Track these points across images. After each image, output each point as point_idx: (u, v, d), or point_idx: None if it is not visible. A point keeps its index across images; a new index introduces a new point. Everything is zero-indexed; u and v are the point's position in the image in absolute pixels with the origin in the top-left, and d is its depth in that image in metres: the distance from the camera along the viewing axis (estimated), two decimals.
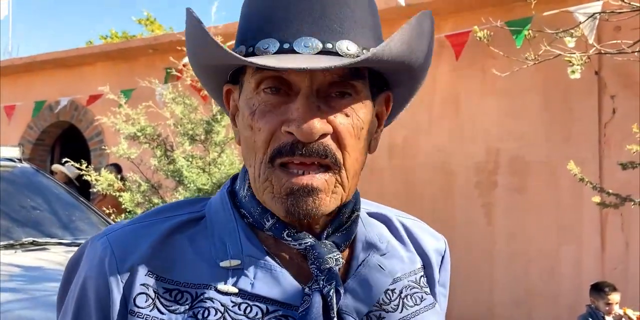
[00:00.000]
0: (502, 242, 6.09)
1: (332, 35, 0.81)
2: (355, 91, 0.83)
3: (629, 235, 5.54)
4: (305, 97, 0.81)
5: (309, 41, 0.80)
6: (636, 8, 3.68)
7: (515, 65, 4.30)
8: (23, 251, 3.24)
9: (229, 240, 0.87)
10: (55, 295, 2.76)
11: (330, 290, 0.84)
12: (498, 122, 6.14)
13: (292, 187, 0.81)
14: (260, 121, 0.82)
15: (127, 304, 0.84)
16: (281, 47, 0.81)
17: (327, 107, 0.82)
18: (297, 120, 0.79)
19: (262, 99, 0.83)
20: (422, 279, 0.97)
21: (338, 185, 0.83)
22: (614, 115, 5.66)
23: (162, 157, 5.36)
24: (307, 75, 0.81)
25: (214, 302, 0.84)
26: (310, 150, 0.81)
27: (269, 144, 0.82)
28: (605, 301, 4.52)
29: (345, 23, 0.82)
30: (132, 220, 0.92)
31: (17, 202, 3.71)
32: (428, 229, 1.03)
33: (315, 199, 0.82)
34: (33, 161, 8.82)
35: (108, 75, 8.56)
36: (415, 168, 6.48)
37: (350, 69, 0.82)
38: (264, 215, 0.87)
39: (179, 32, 7.84)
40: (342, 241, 0.89)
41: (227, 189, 0.93)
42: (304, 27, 0.81)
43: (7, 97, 9.41)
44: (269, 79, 0.82)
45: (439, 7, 6.24)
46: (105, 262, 0.85)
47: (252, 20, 0.85)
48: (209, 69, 0.91)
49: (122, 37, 15.29)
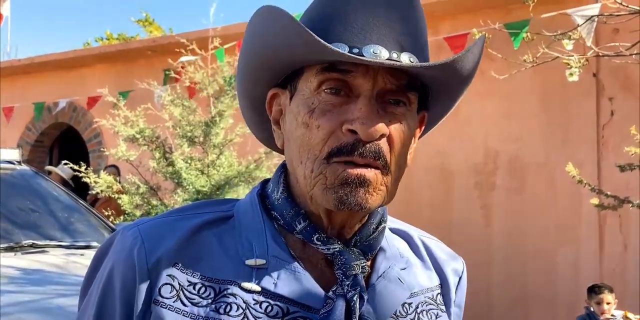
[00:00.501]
0: (500, 243, 6.10)
1: (397, 46, 0.86)
2: (409, 102, 0.88)
3: (627, 237, 5.55)
4: (368, 98, 0.84)
5: (377, 49, 0.84)
6: (634, 11, 3.70)
7: (513, 67, 4.31)
8: (23, 254, 3.24)
9: (255, 240, 0.90)
10: (55, 298, 2.76)
11: (355, 296, 0.86)
12: (497, 124, 6.16)
13: (347, 177, 0.84)
14: (320, 119, 0.85)
15: (152, 293, 0.86)
16: (350, 51, 0.84)
17: (384, 112, 0.86)
18: (361, 119, 0.83)
19: (322, 99, 0.86)
20: (438, 297, 0.99)
21: (384, 184, 0.86)
22: (612, 117, 5.68)
23: (161, 159, 5.37)
24: (371, 80, 0.85)
25: (236, 298, 0.86)
26: (368, 150, 0.84)
27: (326, 142, 0.84)
28: (596, 301, 4.53)
29: (409, 38, 0.87)
30: (162, 214, 0.94)
31: (17, 204, 3.71)
32: (447, 250, 1.06)
33: (367, 190, 0.84)
34: (32, 162, 8.82)
35: (106, 77, 8.56)
36: (414, 169, 6.49)
37: (407, 80, 0.87)
38: (297, 218, 0.90)
39: (177, 33, 7.84)
40: (369, 250, 0.92)
41: (257, 191, 0.95)
42: (372, 36, 0.85)
43: (6, 99, 9.41)
44: (332, 80, 0.85)
45: (437, 9, 6.26)
46: (135, 251, 0.87)
47: (320, 23, 0.87)
48: (262, 69, 0.92)
49: (118, 38, 15.28)
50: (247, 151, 5.38)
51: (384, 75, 0.85)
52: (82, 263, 3.17)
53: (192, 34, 7.14)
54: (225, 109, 5.39)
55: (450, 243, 4.49)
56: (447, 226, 6.26)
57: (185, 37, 6.18)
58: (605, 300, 4.51)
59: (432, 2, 6.14)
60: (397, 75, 0.86)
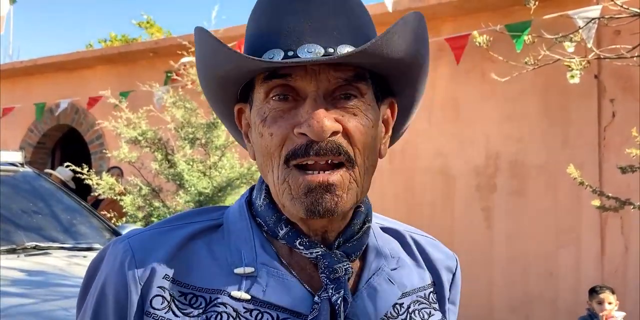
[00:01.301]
0: (501, 245, 6.10)
1: (333, 41, 0.86)
2: (360, 93, 0.87)
3: (629, 239, 5.56)
4: (313, 99, 0.85)
5: (312, 47, 0.85)
6: (635, 13, 3.70)
7: (514, 70, 4.32)
8: (25, 256, 3.25)
9: (244, 248, 0.90)
10: (57, 299, 2.77)
11: (338, 299, 0.87)
12: (498, 126, 6.16)
13: (309, 186, 0.84)
14: (272, 127, 0.86)
15: (143, 305, 0.87)
16: (286, 55, 0.85)
17: (334, 108, 0.86)
18: (308, 121, 0.83)
19: (272, 107, 0.87)
20: (431, 295, 0.99)
21: (352, 181, 0.86)
22: (613, 119, 5.68)
23: (163, 160, 5.37)
24: (313, 80, 0.85)
25: (226, 307, 0.86)
26: (324, 148, 0.84)
27: (282, 148, 0.86)
28: (597, 300, 4.53)
29: (344, 30, 0.87)
30: (152, 225, 0.95)
31: (20, 206, 3.72)
32: (440, 246, 1.05)
33: (334, 195, 0.84)
34: (34, 164, 8.84)
35: (108, 78, 8.58)
36: (415, 172, 6.50)
37: (353, 71, 0.86)
38: (278, 224, 0.90)
39: (179, 35, 7.86)
40: (353, 251, 0.91)
41: (245, 198, 0.96)
42: (306, 35, 0.85)
43: (8, 101, 9.43)
44: (277, 87, 0.86)
45: (439, 11, 6.27)
46: (126, 264, 0.88)
47: (257, 35, 0.89)
48: (220, 88, 0.94)
49: (121, 40, 15.30)
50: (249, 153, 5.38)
51: (327, 73, 0.85)
52: (84, 265, 3.17)
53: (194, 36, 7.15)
54: None
55: (451, 245, 4.51)
56: (448, 228, 6.27)
57: (187, 39, 6.19)
58: (607, 300, 4.51)
59: (434, 4, 6.15)
60: (341, 70, 0.85)
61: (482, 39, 3.89)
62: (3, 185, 3.73)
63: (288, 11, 0.87)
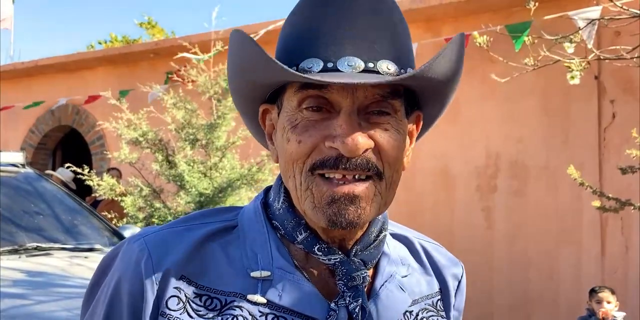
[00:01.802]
0: (501, 245, 6.10)
1: (373, 55, 0.85)
2: (394, 110, 0.87)
3: (629, 239, 5.56)
4: (348, 114, 0.84)
5: (352, 61, 0.84)
6: (635, 14, 3.71)
7: (515, 70, 4.32)
8: (27, 256, 3.26)
9: (260, 252, 0.90)
10: (59, 300, 2.77)
11: (357, 307, 0.87)
12: (498, 127, 6.17)
13: (333, 196, 0.83)
14: (302, 135, 0.85)
15: (159, 305, 0.86)
16: (325, 66, 0.84)
17: (367, 123, 0.85)
18: (341, 136, 0.82)
19: (304, 115, 0.86)
20: (439, 303, 1.00)
21: (377, 193, 0.86)
22: (613, 120, 5.69)
23: (164, 161, 5.38)
24: (349, 94, 0.84)
25: (242, 310, 0.87)
26: (354, 164, 0.83)
27: (309, 156, 0.85)
28: (596, 299, 4.54)
29: (385, 45, 0.86)
30: (167, 224, 0.94)
31: (21, 207, 3.73)
32: (447, 254, 1.06)
33: (358, 207, 0.84)
34: (34, 165, 8.84)
35: (109, 79, 8.59)
36: (415, 172, 6.50)
37: (389, 88, 0.85)
38: (297, 228, 0.90)
39: (180, 37, 7.87)
40: (370, 259, 0.92)
41: (261, 200, 0.95)
42: (347, 48, 0.84)
43: (9, 102, 9.44)
44: (311, 97, 0.85)
45: (439, 11, 6.28)
46: (142, 264, 0.87)
47: (295, 40, 0.88)
48: (250, 90, 0.93)
49: (122, 41, 15.32)
50: (250, 154, 5.39)
51: (364, 88, 0.84)
52: (86, 266, 3.19)
53: (195, 37, 7.17)
54: (228, 112, 5.41)
55: (452, 246, 4.53)
56: (449, 229, 6.27)
57: (187, 40, 6.20)
58: (605, 299, 4.51)
59: (434, 5, 6.16)
60: (379, 86, 0.85)
61: (483, 40, 3.90)
62: (4, 186, 3.74)
63: (330, 18, 0.85)
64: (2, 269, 3.00)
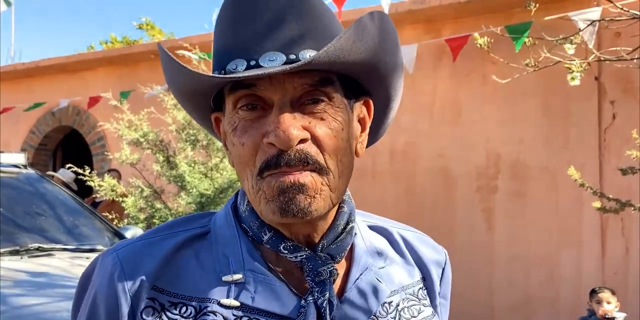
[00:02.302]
0: (502, 246, 6.11)
1: (294, 46, 0.86)
2: (328, 97, 0.87)
3: (629, 240, 5.57)
4: (279, 108, 0.85)
5: (273, 55, 0.85)
6: (635, 16, 3.72)
7: (515, 71, 4.34)
8: (29, 257, 3.27)
9: (231, 255, 0.91)
10: (61, 301, 2.78)
11: (324, 302, 0.88)
12: (498, 128, 6.17)
13: (282, 186, 0.84)
14: (243, 136, 0.86)
15: (134, 316, 0.88)
16: (248, 65, 0.86)
17: (302, 114, 0.86)
18: (274, 130, 0.83)
19: (241, 116, 0.87)
20: (420, 292, 1.00)
21: (325, 184, 0.86)
22: (613, 121, 5.69)
23: (165, 162, 5.39)
24: (278, 89, 0.85)
25: (216, 315, 0.87)
26: (293, 159, 0.84)
27: (255, 157, 0.86)
28: (597, 300, 4.55)
29: (305, 34, 0.87)
30: (141, 235, 0.96)
31: (23, 208, 3.74)
32: (428, 241, 1.05)
33: (307, 196, 0.84)
34: (35, 166, 8.85)
35: (110, 80, 8.60)
36: (416, 173, 6.51)
37: (317, 76, 0.86)
38: (262, 229, 0.91)
39: (180, 37, 7.88)
40: (338, 253, 0.92)
41: (231, 204, 0.97)
42: (267, 43, 0.86)
43: (9, 103, 9.45)
44: (244, 97, 0.86)
45: (439, 12, 6.28)
46: (115, 277, 0.89)
47: (221, 45, 0.90)
48: (192, 100, 0.95)
49: (122, 42, 15.33)
50: None
51: (292, 80, 0.85)
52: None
53: (195, 38, 7.18)
54: None
55: (452, 246, 4.52)
56: (449, 230, 6.28)
57: (188, 41, 6.22)
58: (605, 300, 4.52)
59: (434, 6, 6.16)
60: (306, 76, 0.85)
61: (483, 41, 3.91)
62: (6, 187, 3.75)
63: (247, 20, 0.87)
64: (4, 270, 3.00)
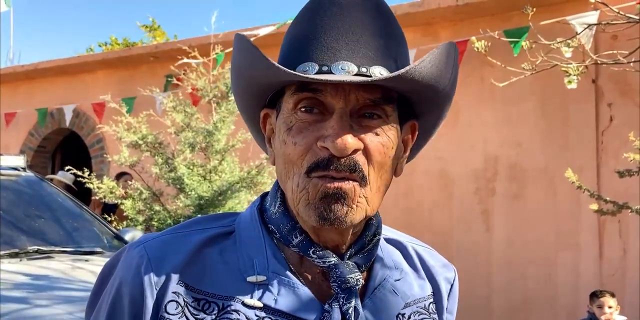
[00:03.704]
0: (500, 248, 6.12)
1: (366, 61, 0.88)
2: (385, 114, 0.90)
3: (627, 242, 5.58)
4: (340, 115, 0.87)
5: (346, 65, 0.87)
6: (631, 19, 3.74)
7: (512, 75, 4.35)
8: (28, 259, 3.28)
9: (256, 256, 0.93)
10: (61, 303, 2.78)
11: (350, 309, 0.90)
12: (496, 130, 6.19)
13: (326, 191, 0.87)
14: (297, 136, 0.89)
15: (158, 310, 0.89)
16: (320, 70, 0.88)
17: (359, 126, 0.88)
18: (332, 136, 0.86)
19: (299, 117, 0.89)
20: (431, 306, 1.03)
21: (362, 196, 0.89)
22: (611, 123, 5.71)
23: (163, 164, 5.40)
24: (342, 97, 0.87)
25: (239, 314, 0.89)
26: (343, 165, 0.87)
27: (304, 158, 0.88)
28: (598, 304, 4.57)
29: (379, 51, 0.90)
30: (167, 230, 0.98)
31: (22, 210, 3.75)
32: (439, 258, 1.09)
33: (344, 204, 0.87)
34: (34, 168, 8.86)
35: (109, 82, 8.61)
36: (414, 175, 6.53)
37: (381, 93, 0.89)
38: (293, 232, 0.93)
39: (179, 40, 7.89)
40: (364, 262, 0.94)
41: (257, 206, 0.98)
42: (342, 52, 0.88)
43: (9, 105, 9.46)
44: (306, 99, 0.89)
45: (437, 16, 6.31)
46: (142, 269, 0.90)
47: (293, 47, 0.92)
48: (251, 93, 0.97)
49: (122, 43, 15.34)
50: (249, 157, 5.41)
51: (357, 93, 0.87)
52: (87, 269, 3.21)
53: (194, 40, 7.20)
54: (227, 115, 5.43)
55: (450, 248, 4.54)
56: (447, 232, 6.29)
57: (187, 44, 6.23)
58: (607, 304, 4.54)
59: (433, 9, 6.19)
60: (370, 90, 0.88)
61: (481, 44, 3.93)
62: (5, 189, 3.75)
63: (327, 26, 0.89)
64: (3, 272, 3.01)
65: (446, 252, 1.00)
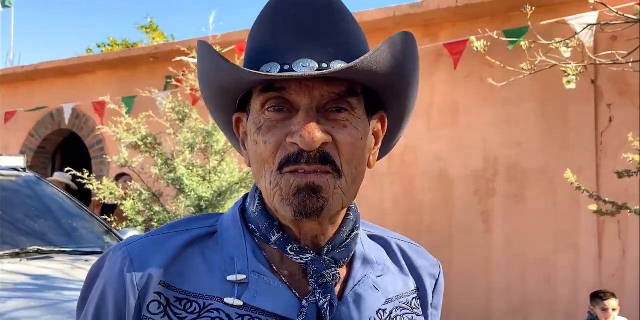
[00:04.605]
0: (499, 249, 6.13)
1: (327, 57, 0.91)
2: (351, 107, 0.92)
3: (626, 243, 5.59)
4: (306, 111, 0.89)
5: (306, 62, 0.90)
6: (630, 20, 3.75)
7: (512, 75, 4.36)
8: (28, 260, 3.28)
9: (237, 256, 0.95)
10: (59, 303, 2.79)
11: (325, 303, 0.92)
12: (496, 131, 6.20)
13: (299, 186, 0.88)
14: (267, 135, 0.91)
15: (141, 310, 0.91)
16: (282, 69, 0.90)
17: (326, 120, 0.91)
18: (299, 131, 0.88)
19: (267, 117, 0.92)
20: (414, 301, 1.04)
21: (338, 187, 0.90)
22: (610, 124, 5.72)
23: (163, 165, 5.40)
24: (307, 93, 0.90)
25: (220, 313, 0.91)
26: (313, 157, 0.88)
27: (276, 155, 0.90)
28: (602, 307, 4.56)
29: (338, 47, 0.92)
30: (150, 232, 1.00)
31: (22, 211, 3.76)
32: (424, 253, 1.10)
33: (320, 197, 0.89)
34: (34, 169, 8.86)
35: (109, 83, 8.62)
36: (414, 176, 6.53)
37: (345, 86, 0.91)
38: (271, 230, 0.95)
39: (179, 41, 7.90)
40: (341, 258, 0.96)
41: (239, 206, 1.01)
42: (302, 51, 0.91)
43: (9, 106, 9.46)
44: (272, 99, 0.91)
45: (437, 16, 6.31)
46: (124, 271, 0.93)
47: (256, 50, 0.95)
48: (220, 98, 1.00)
49: (122, 44, 15.35)
50: None
51: (320, 88, 0.90)
52: (86, 269, 3.20)
53: (193, 41, 7.20)
54: None
55: (450, 249, 4.56)
56: (447, 232, 6.30)
57: (186, 45, 6.24)
58: (611, 307, 4.55)
59: (432, 10, 6.19)
60: (334, 85, 0.90)
61: (480, 45, 3.93)
62: (5, 190, 3.76)
63: (285, 27, 0.92)
64: (3, 273, 3.01)
65: (446, 253, 1.00)
